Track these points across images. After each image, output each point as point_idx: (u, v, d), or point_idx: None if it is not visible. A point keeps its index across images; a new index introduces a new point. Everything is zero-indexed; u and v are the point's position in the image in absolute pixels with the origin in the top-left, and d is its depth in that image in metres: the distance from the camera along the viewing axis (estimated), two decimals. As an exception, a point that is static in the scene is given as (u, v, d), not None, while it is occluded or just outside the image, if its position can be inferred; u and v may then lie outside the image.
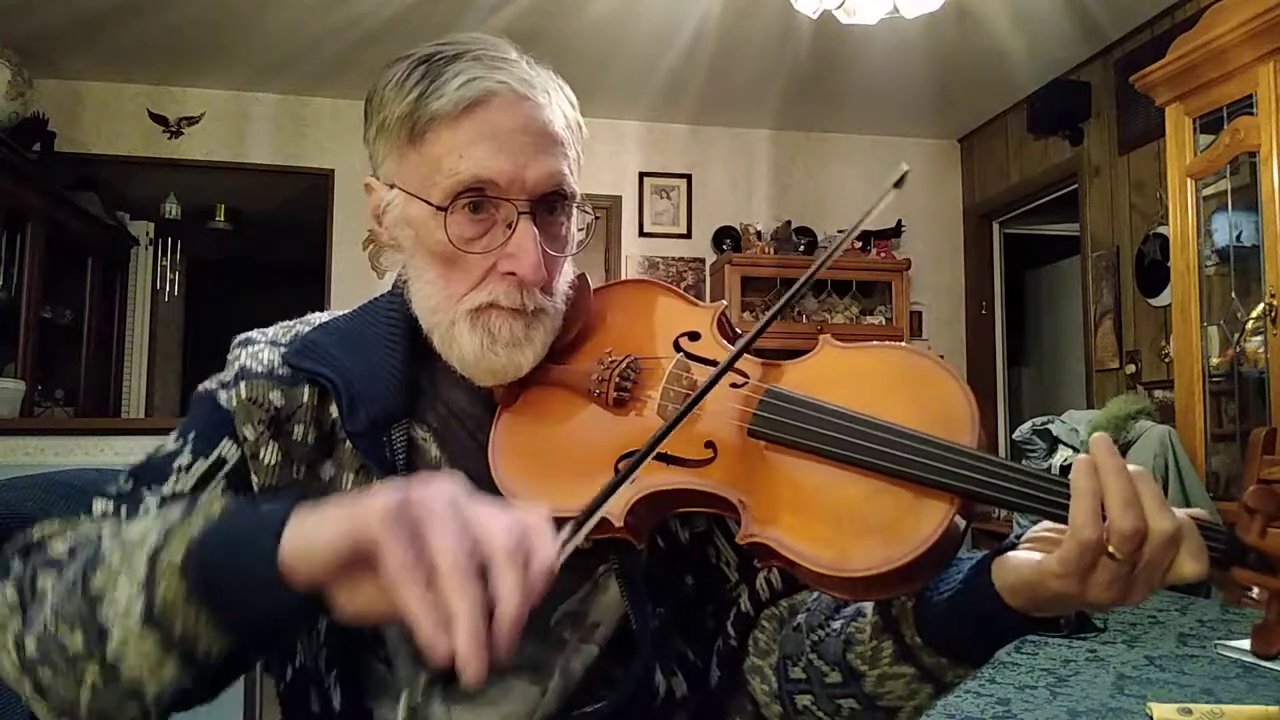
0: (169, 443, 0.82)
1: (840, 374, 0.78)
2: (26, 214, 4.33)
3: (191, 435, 0.82)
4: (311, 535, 0.56)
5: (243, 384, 0.82)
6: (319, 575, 0.56)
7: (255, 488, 0.80)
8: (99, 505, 0.78)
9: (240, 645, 0.61)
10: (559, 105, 0.84)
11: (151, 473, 0.80)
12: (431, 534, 0.52)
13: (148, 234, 6.02)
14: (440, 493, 0.55)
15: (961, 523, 0.69)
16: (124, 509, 0.77)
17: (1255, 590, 0.67)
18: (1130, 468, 0.64)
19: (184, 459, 0.80)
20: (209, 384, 0.85)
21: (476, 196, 0.79)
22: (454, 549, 0.52)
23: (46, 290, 4.54)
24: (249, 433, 0.81)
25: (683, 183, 5.48)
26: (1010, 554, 0.68)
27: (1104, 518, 0.63)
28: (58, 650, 0.62)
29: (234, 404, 0.82)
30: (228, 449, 0.81)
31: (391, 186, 0.83)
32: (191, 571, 0.59)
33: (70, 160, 4.76)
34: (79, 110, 4.86)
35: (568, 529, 0.60)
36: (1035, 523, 0.71)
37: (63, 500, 0.97)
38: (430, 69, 0.80)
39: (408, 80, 0.80)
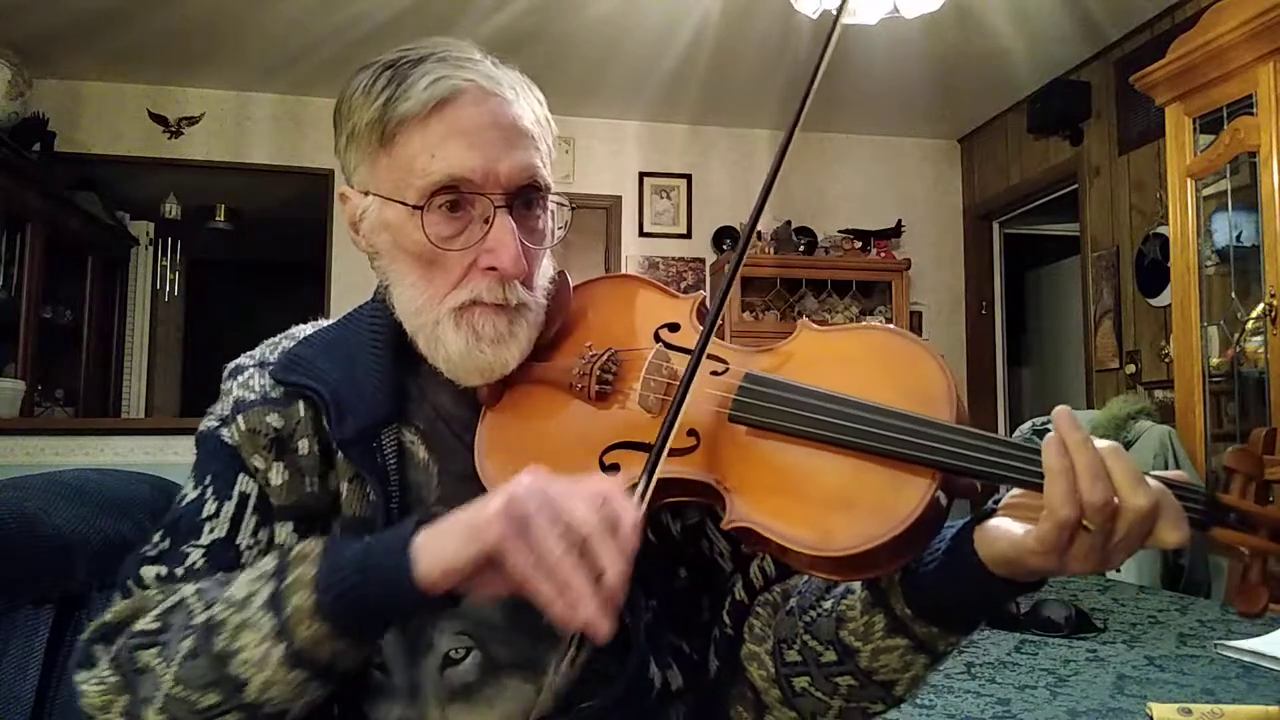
0: (189, 490, 0.83)
1: (818, 356, 0.78)
2: (26, 214, 4.33)
3: (208, 480, 0.82)
4: (443, 556, 0.65)
5: (240, 417, 0.82)
6: (456, 583, 0.65)
7: (275, 510, 0.81)
8: (149, 571, 0.78)
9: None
10: (527, 101, 0.85)
11: (185, 528, 0.80)
12: (537, 534, 0.62)
13: (148, 234, 6.03)
14: (530, 493, 0.64)
15: (944, 498, 0.69)
16: (177, 570, 0.78)
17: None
18: (1101, 444, 0.64)
19: (210, 508, 0.81)
20: (209, 423, 0.85)
21: (452, 194, 0.79)
22: (557, 542, 0.62)
23: (46, 290, 4.55)
24: (258, 462, 0.81)
25: (683, 183, 5.48)
26: (990, 523, 0.69)
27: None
28: (188, 711, 0.68)
29: (237, 438, 0.82)
30: (244, 484, 0.82)
31: (366, 193, 0.84)
32: (328, 613, 0.66)
33: (70, 160, 4.76)
34: (79, 110, 4.86)
35: (638, 485, 0.69)
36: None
37: (63, 500, 0.97)
38: (396, 73, 0.81)
39: (374, 86, 0.81)
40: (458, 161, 0.78)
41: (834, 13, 0.94)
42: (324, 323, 0.92)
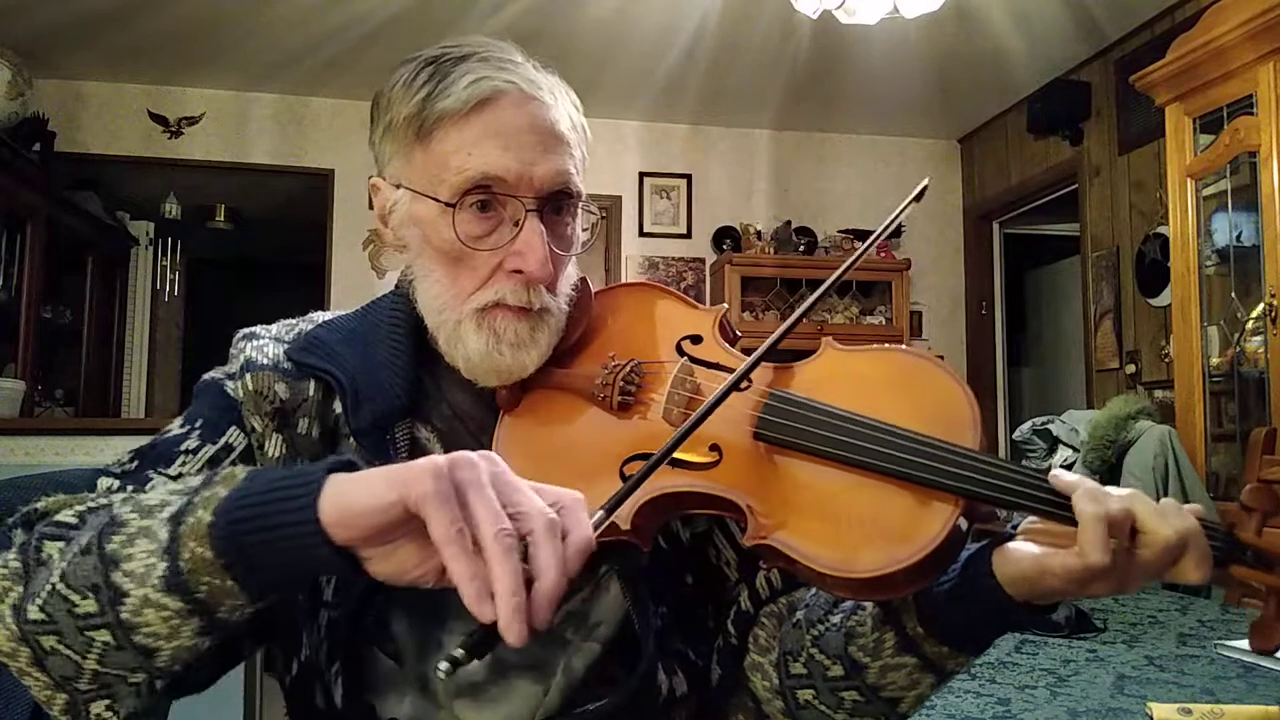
0: (174, 427, 0.82)
1: (843, 376, 0.78)
2: (26, 214, 4.33)
3: (199, 422, 0.81)
4: (356, 496, 0.57)
5: (248, 375, 0.82)
6: (360, 536, 0.57)
7: None
8: (104, 482, 0.77)
9: (261, 612, 0.63)
10: (564, 107, 0.85)
11: (157, 454, 0.79)
12: (476, 503, 0.55)
13: (148, 234, 6.03)
14: (483, 464, 0.57)
15: (965, 524, 0.69)
16: (130, 487, 0.75)
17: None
18: (1119, 492, 0.65)
19: (191, 443, 0.80)
20: (214, 374, 0.85)
21: (484, 194, 0.79)
22: (497, 520, 0.54)
23: (46, 290, 4.55)
24: (256, 424, 0.81)
25: (683, 183, 5.48)
26: (1009, 546, 0.69)
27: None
28: (66, 614, 0.61)
29: (241, 394, 0.82)
30: (235, 436, 0.81)
31: (398, 186, 0.84)
32: (219, 534, 0.58)
33: (70, 160, 4.76)
34: (79, 110, 4.86)
35: (599, 513, 0.63)
36: None
37: (62, 500, 0.97)
38: (438, 69, 0.80)
39: (415, 80, 0.81)
40: (493, 162, 0.78)
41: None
42: (341, 311, 0.92)
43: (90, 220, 5.06)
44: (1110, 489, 0.66)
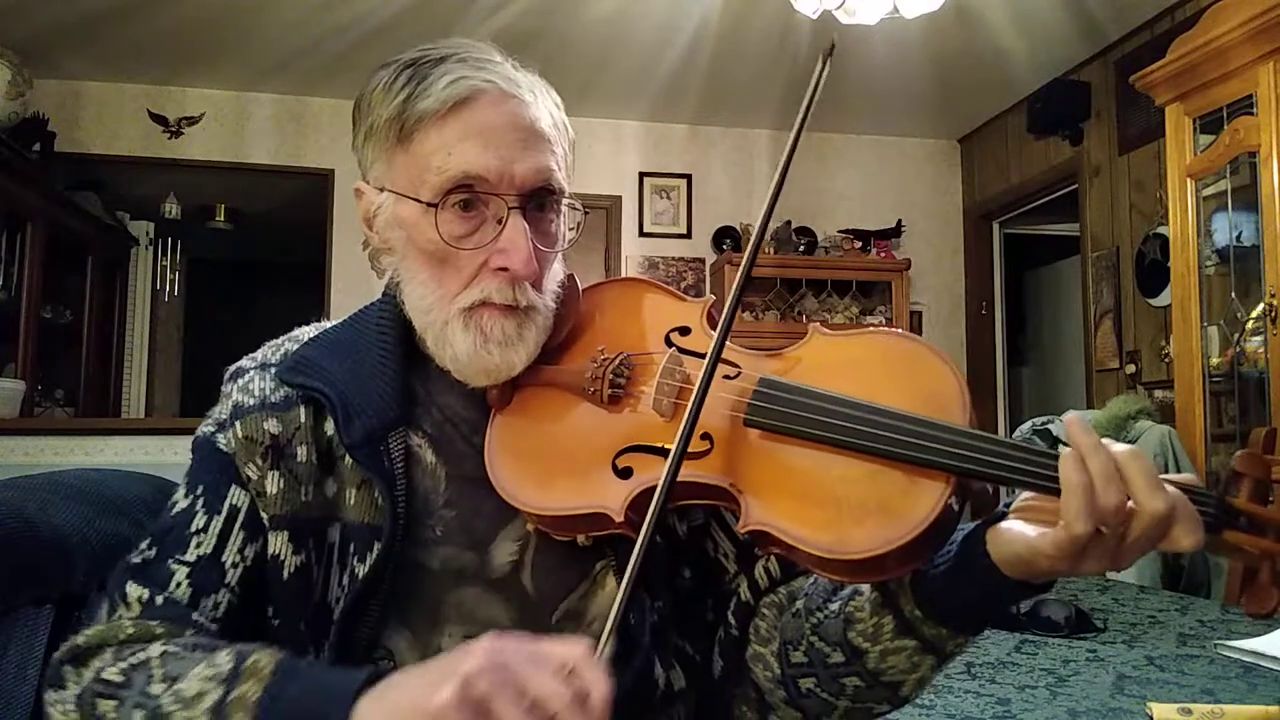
0: (179, 498, 0.83)
1: (830, 361, 0.79)
2: (26, 214, 4.33)
3: (200, 490, 0.82)
4: None
5: (238, 423, 0.83)
6: None
7: (265, 522, 0.81)
8: (133, 590, 0.79)
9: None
10: (545, 105, 0.85)
11: (172, 540, 0.80)
12: (501, 712, 0.56)
13: (148, 234, 6.03)
14: (488, 664, 0.58)
15: (957, 502, 0.69)
16: (157, 598, 0.78)
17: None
18: (1120, 447, 0.64)
19: (199, 521, 0.81)
20: (207, 427, 0.85)
21: (466, 193, 0.79)
22: None
23: (46, 290, 4.54)
24: (252, 471, 0.81)
25: (683, 183, 5.48)
26: (1002, 525, 0.69)
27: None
28: None
29: (233, 445, 0.82)
30: (236, 496, 0.81)
31: (381, 189, 0.84)
32: None
33: (70, 160, 4.76)
34: (79, 110, 4.86)
35: (607, 642, 0.64)
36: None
37: (63, 500, 0.97)
38: (416, 71, 0.81)
39: (394, 83, 0.82)
40: (473, 161, 0.78)
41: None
42: (328, 324, 0.92)
43: (90, 220, 5.06)
44: (1111, 442, 0.65)
